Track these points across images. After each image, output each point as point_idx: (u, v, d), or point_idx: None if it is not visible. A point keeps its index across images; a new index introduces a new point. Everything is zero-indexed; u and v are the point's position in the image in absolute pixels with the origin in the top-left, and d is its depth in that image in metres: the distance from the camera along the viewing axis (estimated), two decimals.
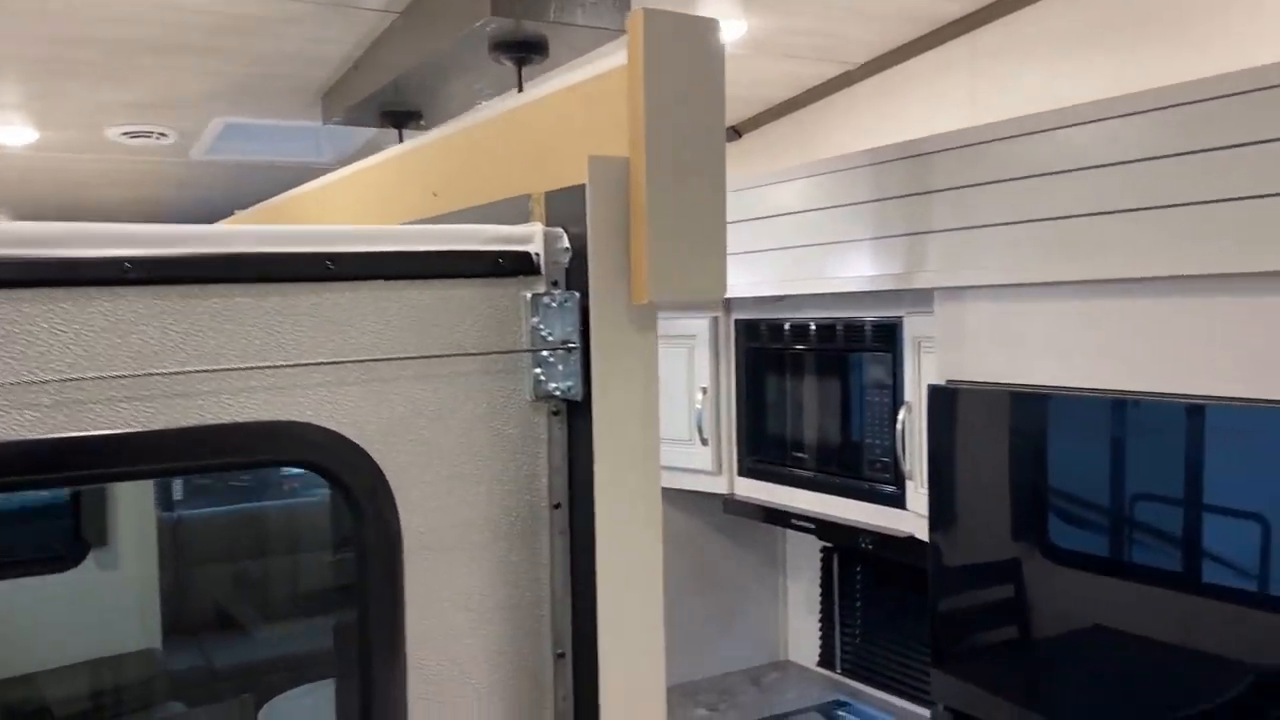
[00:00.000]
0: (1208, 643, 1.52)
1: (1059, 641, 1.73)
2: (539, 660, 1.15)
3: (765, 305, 2.70)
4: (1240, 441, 1.45)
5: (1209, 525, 1.50)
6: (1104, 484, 1.64)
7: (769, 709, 2.89)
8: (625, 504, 1.13)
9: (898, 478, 2.32)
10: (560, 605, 1.16)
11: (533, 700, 1.15)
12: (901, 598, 2.86)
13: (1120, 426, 1.62)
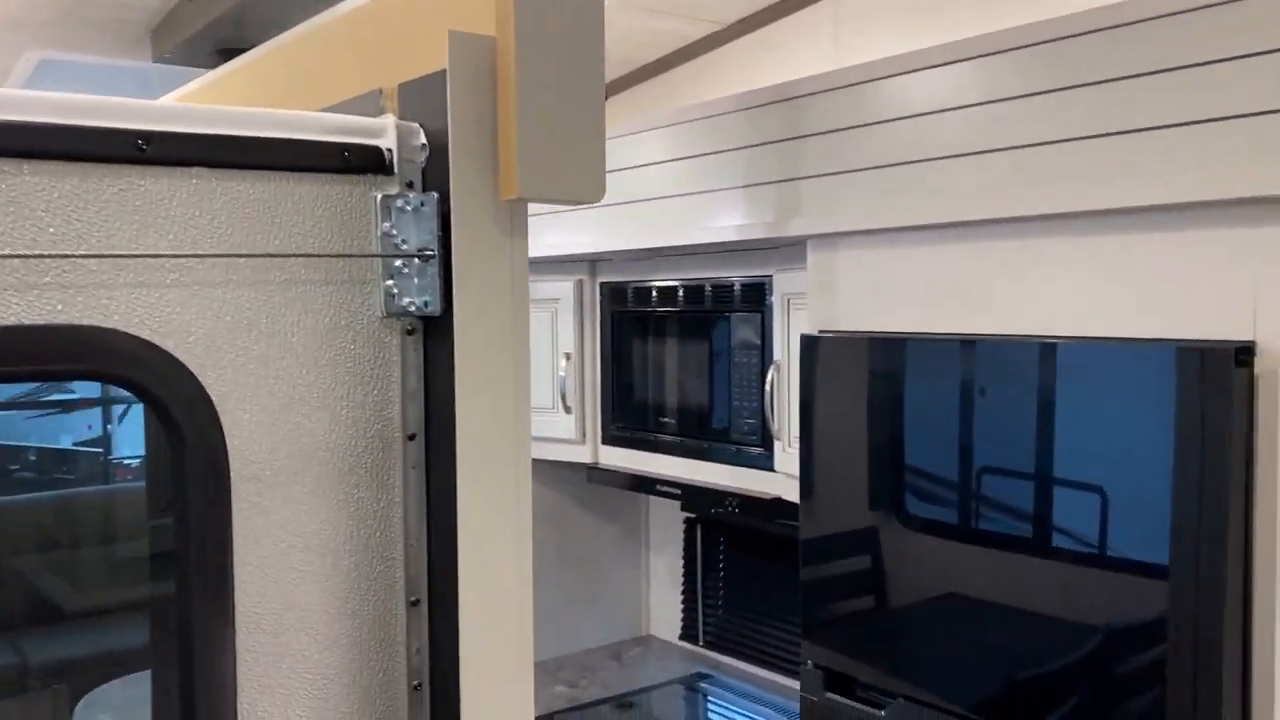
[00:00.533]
0: (1063, 605, 1.51)
1: (923, 604, 1.70)
2: (390, 609, 1.03)
3: (631, 267, 2.62)
4: (1098, 382, 1.44)
5: (1066, 468, 1.50)
6: (967, 431, 1.62)
7: (630, 684, 2.81)
8: (490, 435, 1.01)
9: (765, 439, 2.28)
10: (415, 548, 1.04)
11: (383, 653, 1.02)
12: (765, 567, 2.83)
13: (985, 371, 1.59)
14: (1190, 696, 1.33)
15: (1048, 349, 1.50)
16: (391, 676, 1.02)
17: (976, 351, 1.59)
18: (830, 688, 1.78)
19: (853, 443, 1.77)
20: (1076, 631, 1.49)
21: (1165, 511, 1.35)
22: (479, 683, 1.00)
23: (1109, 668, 1.48)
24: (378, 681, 1.02)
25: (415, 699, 1.02)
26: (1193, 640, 1.33)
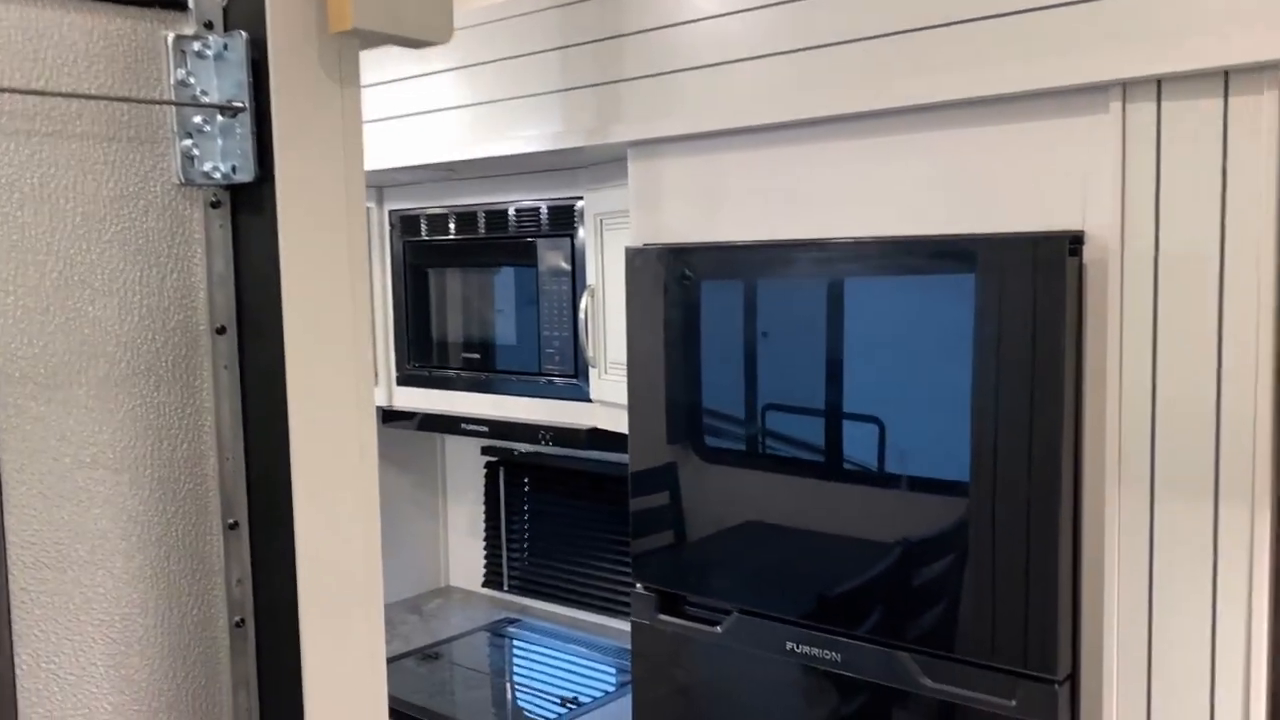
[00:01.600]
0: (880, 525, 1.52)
1: (756, 522, 1.68)
2: (203, 534, 0.86)
3: (423, 192, 2.45)
4: (927, 280, 1.44)
5: (899, 367, 1.50)
6: (796, 340, 1.59)
7: (433, 636, 2.67)
8: (325, 327, 0.87)
9: (579, 369, 2.19)
10: (230, 462, 0.87)
11: (196, 586, 0.86)
12: (571, 507, 2.76)
13: (809, 276, 1.57)
14: (1023, 594, 1.37)
15: (874, 248, 1.49)
16: (208, 614, 0.86)
17: (800, 256, 1.56)
18: (662, 610, 1.73)
19: (682, 361, 1.71)
20: (876, 546, 1.51)
21: (998, 408, 1.37)
22: (322, 619, 0.86)
23: (910, 580, 1.51)
24: (191, 620, 0.85)
25: (237, 637, 0.87)
26: (1025, 523, 1.36)
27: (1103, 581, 1.34)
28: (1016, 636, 1.36)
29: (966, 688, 1.40)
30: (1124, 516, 1.32)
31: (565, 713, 2.21)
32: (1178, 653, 1.29)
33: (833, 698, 1.56)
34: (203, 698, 0.85)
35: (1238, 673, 1.29)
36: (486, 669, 2.49)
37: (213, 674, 0.86)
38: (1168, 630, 1.30)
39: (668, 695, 1.78)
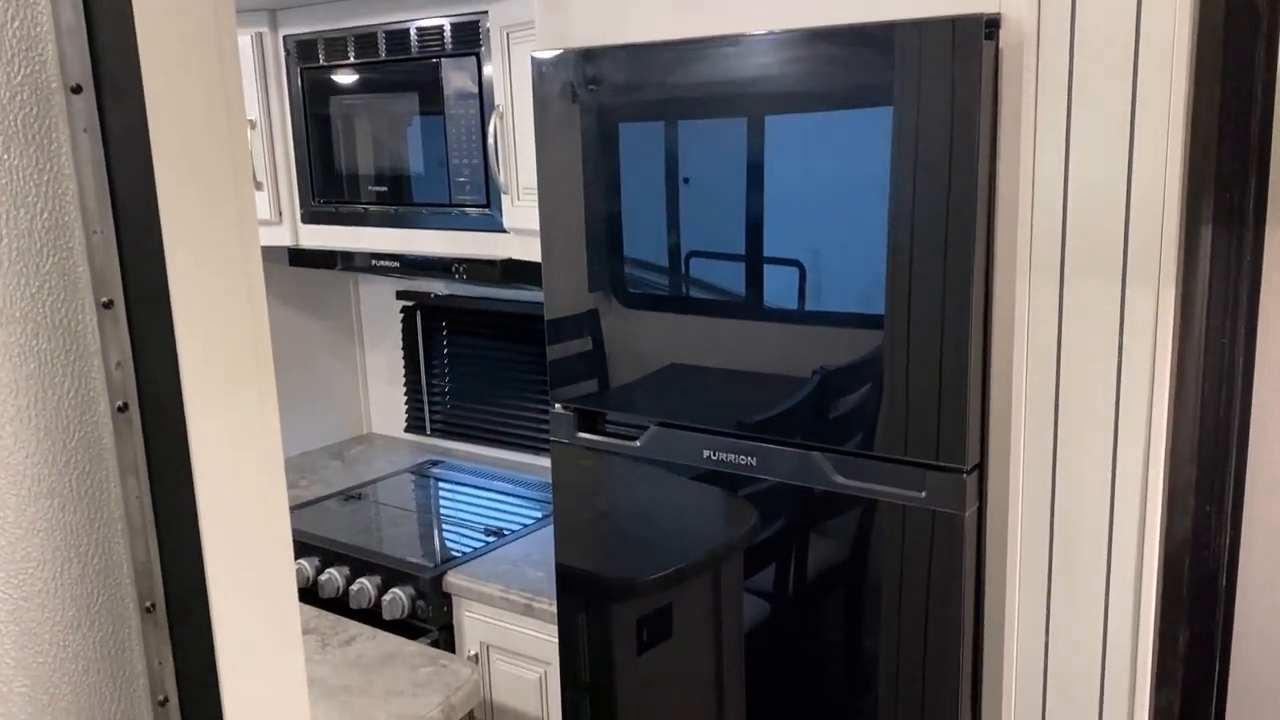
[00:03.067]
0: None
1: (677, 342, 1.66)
2: (74, 312, 0.80)
3: (319, 14, 2.30)
4: (841, 70, 1.40)
5: (815, 167, 1.47)
6: (713, 145, 1.55)
7: (356, 479, 2.66)
8: (188, 86, 0.80)
9: (490, 197, 2.12)
10: (100, 236, 0.81)
11: (71, 368, 0.80)
12: (492, 349, 2.72)
13: (718, 77, 1.52)
14: (935, 389, 1.38)
15: (790, 39, 1.43)
16: (86, 396, 0.81)
17: (714, 52, 1.50)
18: (581, 429, 1.73)
19: (600, 180, 1.66)
20: (796, 378, 1.51)
21: (914, 203, 1.35)
22: (208, 402, 0.82)
23: (830, 407, 1.51)
24: (69, 404, 0.80)
25: (121, 422, 0.83)
26: (939, 314, 1.37)
27: (1011, 372, 1.35)
28: (928, 430, 1.38)
29: (878, 483, 1.43)
30: (1034, 305, 1.33)
31: (490, 543, 2.23)
32: (1082, 434, 1.33)
33: (749, 501, 1.59)
34: (87, 484, 0.81)
35: (1139, 453, 1.33)
36: (412, 507, 2.49)
37: (97, 460, 0.82)
38: (1073, 415, 1.33)
39: (588, 514, 1.79)
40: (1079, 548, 1.36)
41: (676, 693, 1.76)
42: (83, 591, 0.82)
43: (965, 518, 1.36)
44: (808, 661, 1.61)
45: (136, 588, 0.85)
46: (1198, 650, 1.89)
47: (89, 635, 0.83)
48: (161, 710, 0.87)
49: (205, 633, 0.86)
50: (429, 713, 1.48)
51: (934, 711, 1.46)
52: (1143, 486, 1.36)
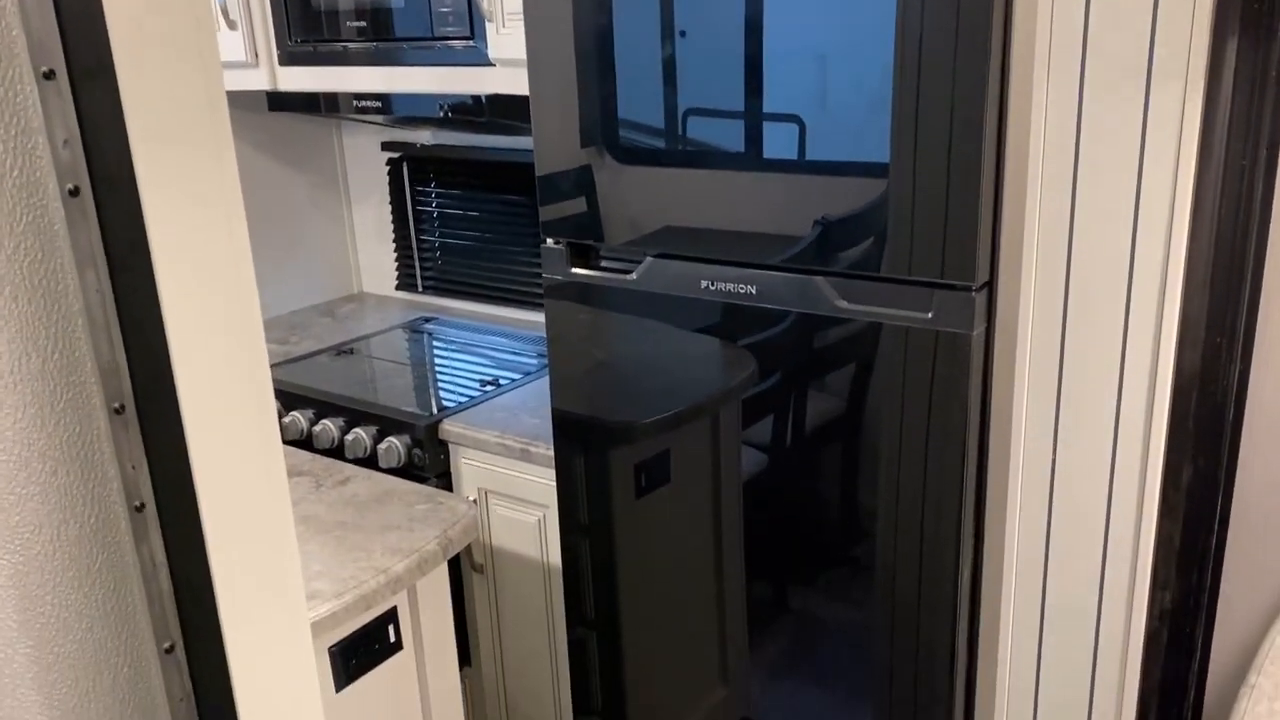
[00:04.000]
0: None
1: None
2: (13, 81, 0.73)
3: None
4: None
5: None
6: None
7: (348, 335, 2.61)
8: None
9: (475, 28, 2.01)
10: (36, 2, 0.73)
11: (14, 144, 0.74)
12: (483, 200, 2.64)
13: None
14: (942, 204, 1.32)
15: None
16: (32, 178, 0.75)
17: None
18: (574, 264, 1.67)
19: (588, 14, 1.55)
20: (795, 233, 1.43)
21: (921, 8, 1.26)
22: (160, 187, 0.75)
23: (833, 252, 1.45)
24: (13, 183, 0.74)
25: (73, 208, 0.76)
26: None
27: (1025, 188, 1.29)
28: (935, 248, 1.32)
29: (883, 305, 1.38)
30: (1051, 118, 1.26)
31: (486, 393, 2.19)
32: (1097, 253, 1.27)
33: (749, 332, 1.54)
34: (41, 274, 0.76)
35: (1156, 277, 1.27)
36: (405, 360, 2.45)
37: (50, 248, 0.76)
38: (1088, 233, 1.27)
39: (584, 353, 1.75)
40: (1090, 370, 1.32)
41: (675, 537, 1.75)
42: (45, 388, 0.77)
43: (973, 337, 1.31)
44: (808, 498, 1.59)
45: (103, 387, 0.80)
46: (1200, 485, 1.88)
47: (55, 435, 0.78)
48: (138, 515, 0.83)
49: (178, 435, 0.82)
50: (426, 545, 1.47)
51: (936, 539, 1.45)
52: (1159, 311, 1.31)
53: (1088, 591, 1.39)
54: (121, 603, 0.84)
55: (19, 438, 0.76)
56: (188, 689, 0.88)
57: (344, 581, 1.38)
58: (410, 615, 1.56)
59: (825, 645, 1.65)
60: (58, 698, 0.81)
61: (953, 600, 1.46)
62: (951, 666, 1.50)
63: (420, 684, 1.62)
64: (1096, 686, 1.42)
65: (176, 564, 0.85)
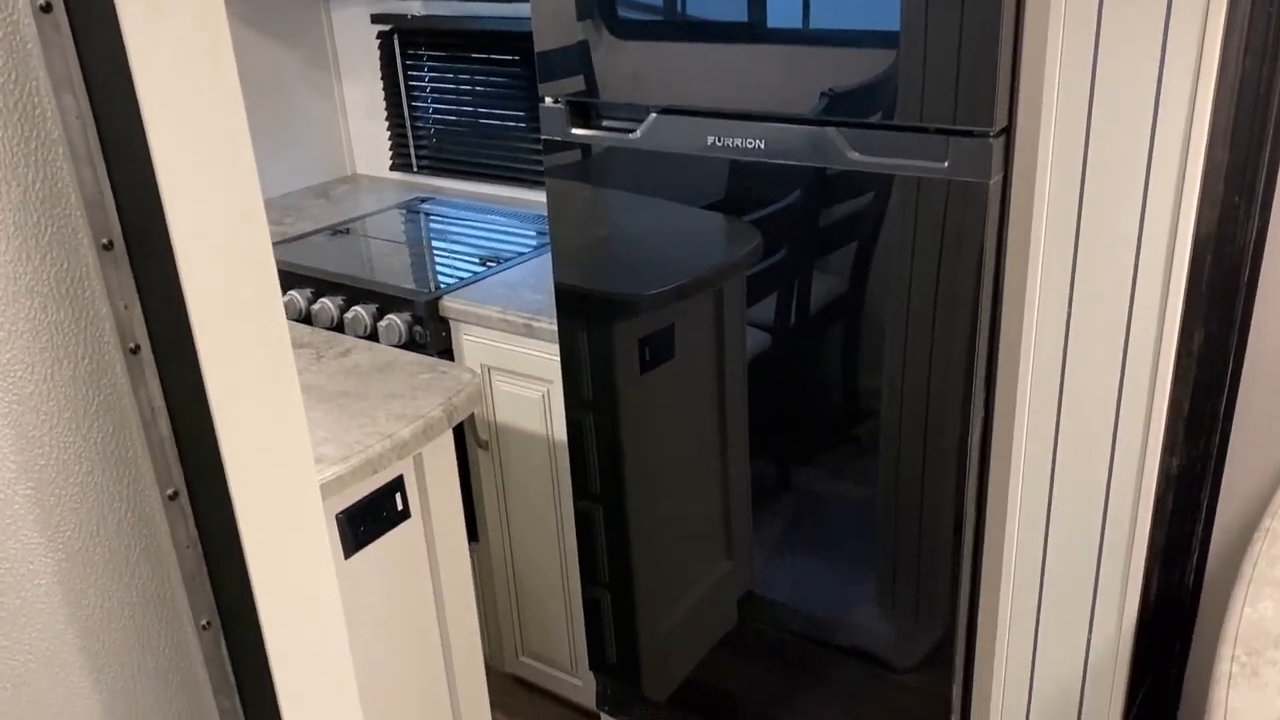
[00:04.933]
0: None
1: None
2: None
3: None
4: None
5: None
6: None
7: (343, 215, 2.56)
8: None
9: None
10: None
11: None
12: (478, 73, 2.56)
13: None
14: (955, 47, 1.26)
15: None
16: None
17: None
18: (574, 124, 1.61)
19: None
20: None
21: None
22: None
23: None
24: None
25: (46, 24, 0.72)
26: None
27: (1047, 24, 1.23)
28: (950, 92, 1.27)
29: (897, 156, 1.33)
30: None
31: (485, 270, 2.16)
32: (1121, 91, 1.22)
33: (756, 202, 1.50)
34: (15, 95, 0.71)
35: (1180, 124, 1.22)
36: (403, 239, 2.41)
37: (23, 67, 0.72)
38: (1112, 74, 1.21)
39: (586, 227, 1.71)
40: (1109, 222, 1.28)
41: (680, 413, 1.74)
42: (28, 220, 0.74)
43: (989, 186, 1.27)
44: (813, 376, 1.56)
45: (89, 221, 0.76)
46: (1212, 348, 1.85)
47: (42, 270, 0.75)
48: (134, 358, 0.81)
49: (171, 273, 0.79)
50: (431, 412, 1.45)
51: (944, 403, 1.43)
52: (1182, 161, 1.26)
53: (1098, 459, 1.37)
54: (121, 447, 0.82)
55: (4, 271, 0.73)
56: (193, 536, 0.86)
57: (349, 446, 1.36)
58: (417, 484, 1.55)
59: (830, 520, 1.65)
60: (61, 540, 0.80)
61: (960, 468, 1.45)
62: (957, 537, 1.50)
63: (430, 553, 1.62)
64: (1104, 554, 1.42)
65: (176, 409, 0.83)
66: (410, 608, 1.60)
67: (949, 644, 1.56)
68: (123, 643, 0.84)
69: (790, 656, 1.77)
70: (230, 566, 0.88)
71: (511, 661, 2.30)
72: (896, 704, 1.67)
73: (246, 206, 0.83)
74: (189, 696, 0.90)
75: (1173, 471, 1.89)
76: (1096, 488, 1.39)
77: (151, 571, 0.86)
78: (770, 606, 1.77)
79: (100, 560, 0.82)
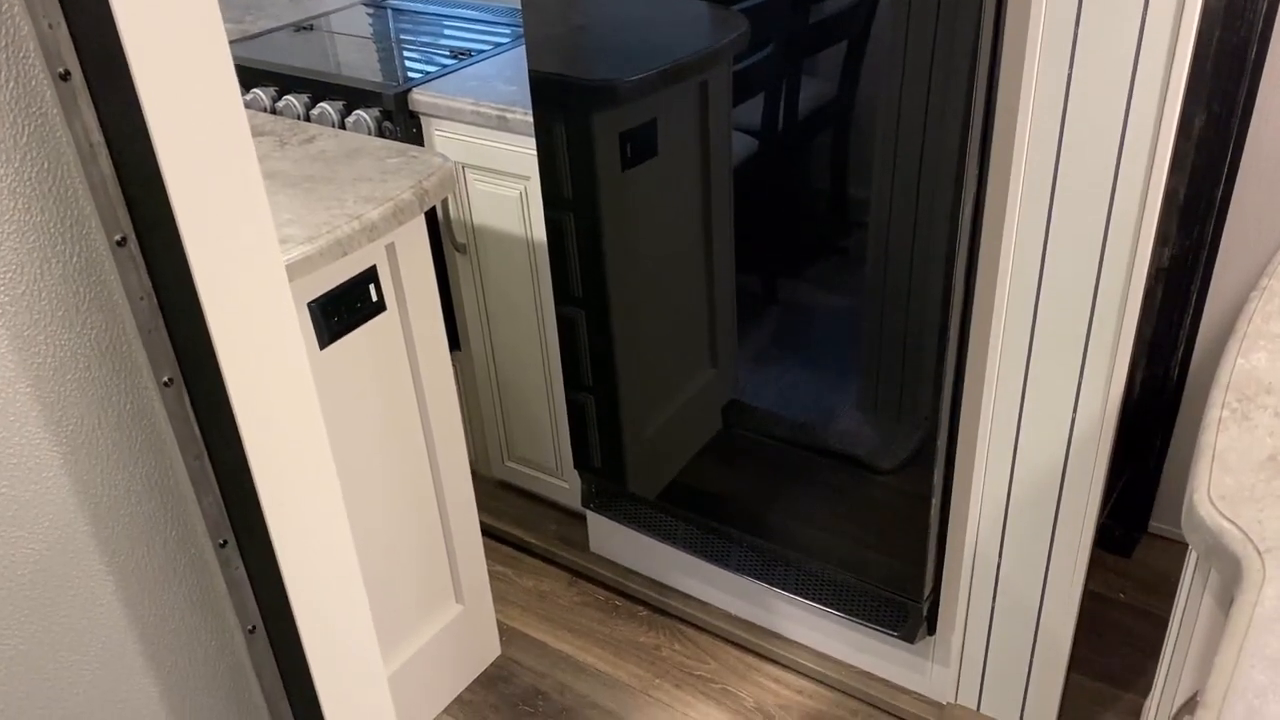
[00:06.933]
0: None
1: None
2: None
3: None
4: None
5: None
6: None
7: (306, 12, 2.42)
8: None
9: None
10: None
11: None
12: None
13: None
14: None
15: None
16: None
17: None
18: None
19: None
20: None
21: None
22: None
23: None
24: None
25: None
26: None
27: None
28: None
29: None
30: None
31: (457, 64, 2.05)
32: None
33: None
34: None
35: None
36: (369, 34, 2.28)
37: None
38: None
39: (561, 15, 1.60)
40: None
41: (663, 215, 1.68)
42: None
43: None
44: (800, 183, 1.50)
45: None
46: (1212, 133, 1.79)
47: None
48: (64, 84, 0.74)
49: (134, 104, 0.73)
50: (401, 195, 1.39)
51: (931, 211, 1.37)
52: None
53: (1088, 252, 1.32)
54: (60, 185, 0.76)
55: None
56: (147, 286, 0.82)
57: (316, 227, 1.31)
58: (391, 275, 1.51)
59: (815, 328, 1.62)
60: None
61: (947, 271, 1.41)
62: (942, 338, 1.47)
63: (409, 349, 1.59)
64: (1090, 347, 1.39)
65: (116, 144, 0.76)
66: (392, 405, 1.58)
67: (931, 443, 1.56)
68: (80, 395, 0.81)
69: (773, 461, 1.78)
70: (188, 318, 0.84)
71: (498, 466, 2.31)
72: (879, 501, 1.68)
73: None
74: (156, 456, 0.87)
75: (1164, 263, 1.86)
76: (1086, 280, 1.35)
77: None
78: (754, 413, 1.76)
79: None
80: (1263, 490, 0.78)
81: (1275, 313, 1.03)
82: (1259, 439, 0.83)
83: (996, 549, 1.62)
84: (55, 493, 0.80)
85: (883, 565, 1.73)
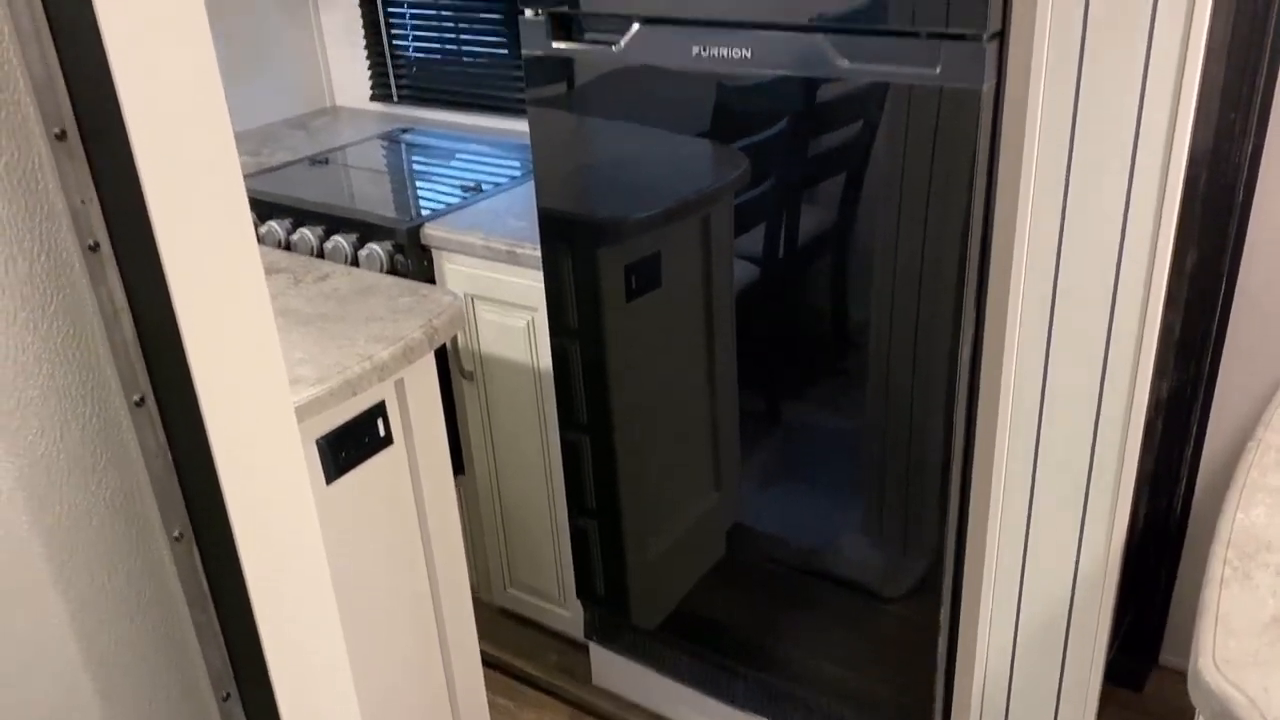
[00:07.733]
0: None
1: None
2: None
3: None
4: None
5: None
6: None
7: (323, 146, 2.50)
8: None
9: None
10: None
11: None
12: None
13: None
14: None
15: None
16: None
17: None
18: (555, 37, 1.56)
19: None
20: None
21: None
22: None
23: None
24: None
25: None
26: None
27: None
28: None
29: (888, 62, 1.29)
30: None
31: (468, 198, 2.11)
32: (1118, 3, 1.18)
33: (746, 112, 1.46)
34: None
35: (1178, 35, 1.18)
36: (383, 168, 2.36)
37: None
38: None
39: (570, 153, 1.66)
40: (1104, 130, 1.24)
41: (667, 343, 1.71)
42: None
43: (983, 93, 1.23)
44: (801, 307, 1.54)
45: (39, 108, 0.73)
46: (1205, 270, 1.83)
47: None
48: (93, 255, 0.77)
49: (128, 163, 0.75)
50: (411, 334, 1.42)
51: (933, 325, 1.40)
52: (1179, 73, 1.22)
53: (1089, 385, 1.35)
54: (83, 349, 0.79)
55: None
56: (163, 443, 0.84)
57: (327, 368, 1.33)
58: (399, 410, 1.53)
59: (818, 451, 1.64)
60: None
61: (948, 397, 1.43)
62: (945, 467, 1.48)
63: (414, 481, 1.60)
64: (1093, 480, 1.40)
65: (139, 309, 0.79)
66: (395, 536, 1.58)
67: (937, 573, 1.56)
68: (91, 552, 0.81)
69: (779, 587, 1.77)
70: (201, 473, 0.85)
71: (499, 593, 2.30)
72: (885, 632, 1.67)
73: (207, 92, 0.79)
74: (163, 610, 0.88)
75: (1163, 396, 1.88)
76: (1087, 413, 1.37)
77: (120, 478, 0.83)
78: (759, 538, 1.76)
79: (66, 466, 0.80)
80: (1267, 654, 0.78)
81: (1271, 466, 1.05)
82: (1261, 599, 0.83)
83: (1005, 686, 1.60)
84: (62, 649, 0.80)
85: (891, 701, 1.71)
